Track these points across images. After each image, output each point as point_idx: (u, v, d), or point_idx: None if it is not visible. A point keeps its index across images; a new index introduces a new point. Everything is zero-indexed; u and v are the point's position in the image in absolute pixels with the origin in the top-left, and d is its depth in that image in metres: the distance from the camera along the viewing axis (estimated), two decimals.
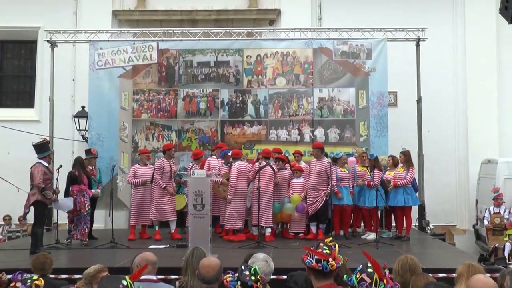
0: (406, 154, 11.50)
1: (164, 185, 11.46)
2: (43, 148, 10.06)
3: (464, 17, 15.67)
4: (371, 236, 11.23)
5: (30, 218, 13.66)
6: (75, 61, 15.45)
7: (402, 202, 11.21)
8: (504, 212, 12.40)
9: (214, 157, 12.21)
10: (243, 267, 3.73)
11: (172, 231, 11.64)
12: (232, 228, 11.14)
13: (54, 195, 9.98)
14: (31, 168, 9.85)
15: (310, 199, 11.26)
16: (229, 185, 11.05)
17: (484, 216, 12.71)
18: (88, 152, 12.07)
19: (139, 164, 11.93)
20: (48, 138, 12.21)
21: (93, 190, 11.60)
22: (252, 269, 3.71)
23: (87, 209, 10.74)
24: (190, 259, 4.71)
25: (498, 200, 12.46)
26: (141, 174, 11.62)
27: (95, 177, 11.81)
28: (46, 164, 9.90)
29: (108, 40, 14.04)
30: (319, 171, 11.21)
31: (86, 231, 10.78)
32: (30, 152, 12.92)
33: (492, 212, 12.47)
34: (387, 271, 3.46)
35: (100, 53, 13.86)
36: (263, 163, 11.26)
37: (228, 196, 11.06)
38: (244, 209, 11.22)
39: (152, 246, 9.92)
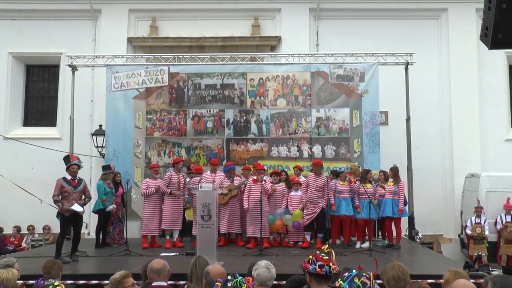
0: (393, 170, 11.53)
1: (170, 190, 11.47)
2: (64, 161, 10.10)
3: (448, 43, 15.72)
4: (365, 244, 11.19)
5: (55, 228, 13.80)
6: (94, 84, 15.47)
7: (390, 213, 11.19)
8: (484, 222, 12.33)
9: (209, 172, 12.14)
10: (229, 277, 3.68)
11: (175, 239, 11.61)
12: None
13: (64, 206, 9.55)
14: None
15: (309, 209, 11.22)
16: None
17: (466, 225, 12.65)
18: (107, 167, 12.08)
19: (149, 178, 11.91)
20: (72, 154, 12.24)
21: (111, 206, 11.62)
22: (236, 281, 3.64)
23: (119, 216, 11.97)
24: (194, 268, 4.69)
25: (477, 212, 12.41)
26: (153, 186, 11.59)
27: (112, 190, 11.81)
28: (69, 177, 9.82)
29: (123, 65, 14.10)
30: (319, 186, 11.18)
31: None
32: (52, 167, 13.06)
33: (473, 222, 12.41)
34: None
35: (116, 76, 13.91)
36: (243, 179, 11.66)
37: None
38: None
39: (162, 254, 9.85)
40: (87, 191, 10.07)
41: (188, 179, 12.21)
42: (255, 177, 11.40)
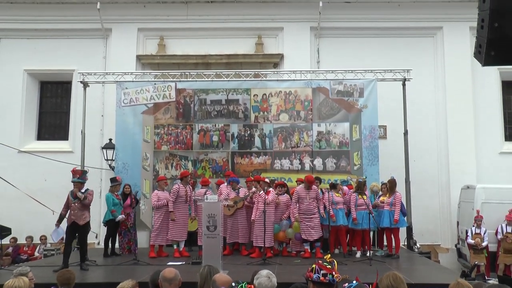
0: (390, 182, 11.47)
1: (172, 210, 11.40)
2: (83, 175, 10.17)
3: (444, 60, 15.76)
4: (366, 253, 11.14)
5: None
6: (104, 99, 15.54)
7: (388, 224, 11.14)
8: (484, 233, 12.24)
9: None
10: (233, 284, 3.69)
11: (181, 249, 11.58)
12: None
13: (56, 222, 10.03)
14: None
15: (310, 223, 11.10)
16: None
17: (467, 235, 12.55)
18: (114, 179, 12.09)
19: (158, 190, 11.88)
20: (84, 168, 12.16)
21: (120, 216, 11.60)
22: (240, 286, 3.66)
23: (128, 226, 11.88)
24: (209, 278, 4.63)
25: (477, 222, 12.33)
26: (163, 198, 11.56)
27: (120, 201, 11.80)
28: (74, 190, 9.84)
29: (132, 81, 14.16)
30: (312, 197, 11.14)
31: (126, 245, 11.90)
32: (64, 179, 13.00)
33: (473, 232, 12.32)
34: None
35: (125, 92, 13.98)
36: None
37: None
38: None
39: (170, 263, 9.83)
40: (90, 196, 9.86)
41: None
42: (254, 189, 11.45)
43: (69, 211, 9.81)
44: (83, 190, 9.76)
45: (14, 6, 16.06)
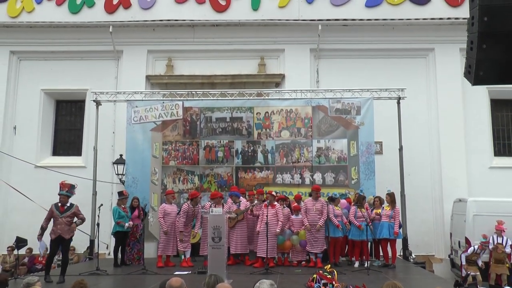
0: (391, 195, 11.42)
1: (182, 230, 11.39)
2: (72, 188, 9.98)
3: (436, 79, 15.77)
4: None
5: (79, 248, 13.80)
6: (115, 117, 15.58)
7: (387, 235, 11.07)
8: (483, 253, 12.06)
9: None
10: None
11: (186, 258, 11.52)
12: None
13: (38, 235, 9.66)
14: None
15: (312, 233, 11.09)
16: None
17: (466, 250, 12.28)
18: (121, 193, 12.07)
19: (166, 203, 11.84)
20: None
21: (127, 224, 11.55)
22: None
23: (137, 237, 11.81)
24: (215, 287, 4.58)
25: (483, 246, 12.09)
26: (169, 212, 11.53)
27: (127, 214, 11.73)
28: (59, 204, 9.68)
29: (142, 100, 14.20)
30: (318, 209, 11.10)
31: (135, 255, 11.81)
32: (77, 193, 12.95)
33: (474, 251, 12.06)
34: None
35: (135, 110, 14.01)
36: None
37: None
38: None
39: (176, 272, 9.76)
40: (80, 214, 9.64)
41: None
42: (256, 202, 11.41)
43: (53, 225, 9.53)
44: (68, 204, 9.61)
45: (32, 30, 16.20)
